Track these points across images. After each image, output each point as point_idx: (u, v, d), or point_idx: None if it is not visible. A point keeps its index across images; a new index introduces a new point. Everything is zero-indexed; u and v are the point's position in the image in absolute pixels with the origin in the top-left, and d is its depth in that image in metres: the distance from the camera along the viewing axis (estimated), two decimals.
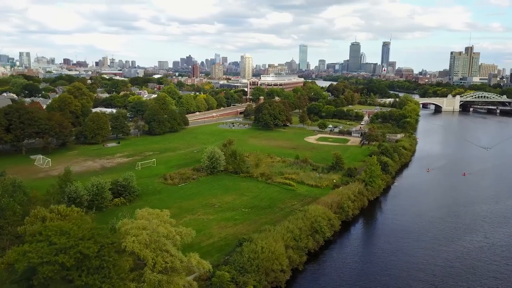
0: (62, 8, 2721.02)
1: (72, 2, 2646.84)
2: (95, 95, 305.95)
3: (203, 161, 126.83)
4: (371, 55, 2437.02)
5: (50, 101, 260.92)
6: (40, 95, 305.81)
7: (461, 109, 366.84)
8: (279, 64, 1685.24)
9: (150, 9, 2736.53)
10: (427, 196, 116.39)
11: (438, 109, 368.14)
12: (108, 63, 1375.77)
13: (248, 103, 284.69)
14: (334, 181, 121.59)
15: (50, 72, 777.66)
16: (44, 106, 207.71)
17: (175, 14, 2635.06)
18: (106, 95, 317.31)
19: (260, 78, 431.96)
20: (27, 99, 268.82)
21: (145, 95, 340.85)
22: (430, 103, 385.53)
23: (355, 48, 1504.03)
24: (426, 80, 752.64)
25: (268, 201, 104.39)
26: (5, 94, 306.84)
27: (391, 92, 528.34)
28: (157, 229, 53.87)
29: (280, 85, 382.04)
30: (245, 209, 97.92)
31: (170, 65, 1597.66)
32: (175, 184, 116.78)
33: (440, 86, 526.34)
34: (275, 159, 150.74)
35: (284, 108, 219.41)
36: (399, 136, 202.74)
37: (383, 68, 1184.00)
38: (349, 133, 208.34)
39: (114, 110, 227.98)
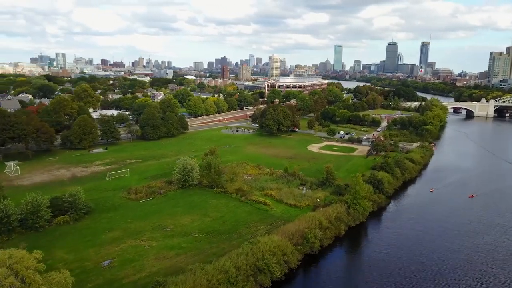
0: (104, 10, 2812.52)
1: (113, 4, 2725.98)
2: (106, 96, 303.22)
3: (174, 174, 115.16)
4: (410, 56, 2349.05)
5: None
6: (54, 96, 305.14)
7: (496, 115, 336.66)
8: (313, 65, 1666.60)
9: (188, 10, 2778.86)
10: (421, 222, 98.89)
11: (470, 114, 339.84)
12: (144, 64, 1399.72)
13: (257, 106, 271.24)
14: (318, 200, 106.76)
15: (83, 72, 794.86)
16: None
17: (212, 15, 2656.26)
18: (120, 96, 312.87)
19: (279, 80, 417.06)
20: (37, 100, 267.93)
21: (160, 96, 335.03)
22: (461, 108, 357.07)
23: (392, 48, 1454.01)
24: (464, 82, 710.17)
25: (231, 224, 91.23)
26: (21, 95, 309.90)
27: (425, 95, 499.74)
28: (3, 282, 42.00)
29: (299, 87, 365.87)
30: (199, 235, 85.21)
31: (205, 66, 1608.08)
32: (137, 199, 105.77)
33: (477, 89, 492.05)
34: (263, 170, 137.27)
35: (289, 113, 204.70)
36: (415, 145, 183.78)
37: (420, 69, 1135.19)
38: (358, 141, 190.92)
39: (115, 113, 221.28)
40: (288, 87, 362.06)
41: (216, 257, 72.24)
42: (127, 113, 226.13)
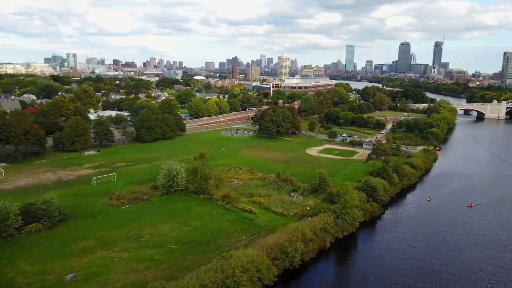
0: (118, 11, 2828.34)
1: (127, 5, 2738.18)
2: (108, 97, 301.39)
3: (159, 179, 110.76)
4: (423, 56, 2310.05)
5: None
6: (57, 96, 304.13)
7: (508, 117, 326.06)
8: (324, 65, 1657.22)
9: (200, 11, 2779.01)
10: (414, 234, 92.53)
11: (481, 116, 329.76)
12: (155, 64, 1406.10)
13: (259, 107, 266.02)
14: (307, 208, 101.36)
15: (93, 72, 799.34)
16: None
17: (225, 15, 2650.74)
18: (121, 97, 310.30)
19: (284, 80, 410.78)
20: (38, 101, 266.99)
21: (163, 97, 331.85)
22: (472, 110, 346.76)
23: (404, 48, 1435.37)
24: (478, 83, 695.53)
25: (211, 234, 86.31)
26: (25, 95, 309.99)
27: (436, 96, 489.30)
28: None
29: (305, 88, 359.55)
30: (175, 246, 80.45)
31: (217, 66, 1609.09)
32: (118, 206, 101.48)
33: (490, 90, 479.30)
34: (256, 175, 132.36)
35: (289, 115, 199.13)
36: (419, 149, 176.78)
37: (433, 70, 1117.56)
38: (360, 144, 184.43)
39: (112, 114, 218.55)
40: (294, 87, 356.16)
41: (189, 271, 67.64)
42: (126, 114, 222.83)
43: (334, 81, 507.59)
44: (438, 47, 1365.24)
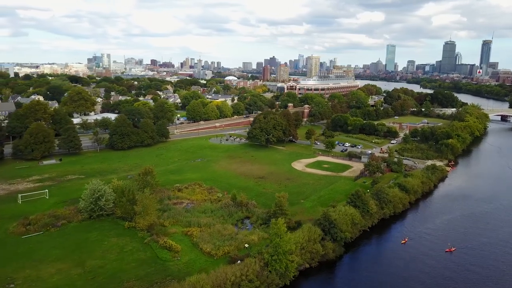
0: (160, 13, 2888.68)
1: (169, 6, 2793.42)
2: (109, 98, 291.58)
3: (81, 201, 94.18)
4: (471, 56, 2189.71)
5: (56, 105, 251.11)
6: (62, 97, 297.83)
7: None
8: (364, 65, 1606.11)
9: (240, 11, 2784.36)
10: None
11: None
12: (192, 64, 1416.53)
13: (264, 111, 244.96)
14: (246, 245, 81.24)
15: (122, 73, 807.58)
16: (52, 108, 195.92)
17: (265, 15, 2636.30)
18: (120, 98, 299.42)
19: (300, 81, 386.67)
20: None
21: (174, 99, 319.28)
22: (509, 116, 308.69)
23: (449, 47, 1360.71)
24: None
25: (101, 281, 68.80)
26: (33, 96, 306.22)
27: (477, 99, 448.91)
28: None
29: (322, 89, 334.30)
30: None
31: (254, 66, 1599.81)
32: (21, 234, 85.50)
33: None
34: (213, 195, 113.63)
35: (282, 122, 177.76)
36: (428, 163, 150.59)
37: (478, 70, 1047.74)
38: (358, 157, 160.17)
39: (98, 117, 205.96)
40: (309, 89, 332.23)
41: None
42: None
43: (358, 82, 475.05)
44: (486, 46, 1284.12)
